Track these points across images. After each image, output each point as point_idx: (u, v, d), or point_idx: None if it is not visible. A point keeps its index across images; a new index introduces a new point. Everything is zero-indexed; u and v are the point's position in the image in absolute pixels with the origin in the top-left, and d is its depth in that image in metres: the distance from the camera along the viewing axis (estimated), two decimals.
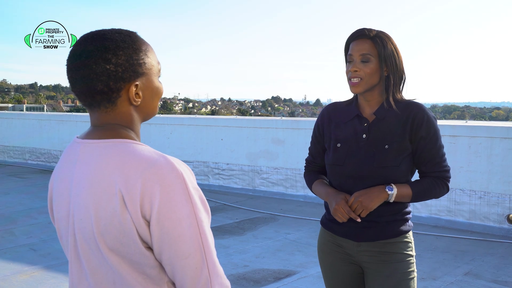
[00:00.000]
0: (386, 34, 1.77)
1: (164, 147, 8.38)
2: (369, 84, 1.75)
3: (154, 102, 1.11)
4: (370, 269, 1.82)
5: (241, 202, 6.90)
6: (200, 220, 0.97)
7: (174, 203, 0.95)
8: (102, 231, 0.98)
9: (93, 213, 0.98)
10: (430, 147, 1.75)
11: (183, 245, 0.96)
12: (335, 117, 1.89)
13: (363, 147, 1.77)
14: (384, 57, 1.73)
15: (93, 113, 1.07)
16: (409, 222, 1.85)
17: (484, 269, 4.17)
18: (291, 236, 5.17)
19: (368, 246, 1.80)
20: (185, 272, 0.97)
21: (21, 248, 4.67)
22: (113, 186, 0.97)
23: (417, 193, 1.76)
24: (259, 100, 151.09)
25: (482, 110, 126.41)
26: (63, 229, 1.09)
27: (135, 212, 0.95)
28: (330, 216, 1.90)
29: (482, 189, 5.44)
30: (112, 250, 0.98)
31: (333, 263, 1.89)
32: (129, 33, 1.07)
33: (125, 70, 1.02)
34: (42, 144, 10.45)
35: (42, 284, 3.78)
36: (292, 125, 7.22)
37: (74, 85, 1.04)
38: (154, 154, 0.99)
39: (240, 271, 4.08)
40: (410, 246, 1.82)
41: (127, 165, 0.97)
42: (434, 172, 1.78)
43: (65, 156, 1.10)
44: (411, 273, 1.79)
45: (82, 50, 1.01)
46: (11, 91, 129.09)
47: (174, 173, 0.96)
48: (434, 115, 1.79)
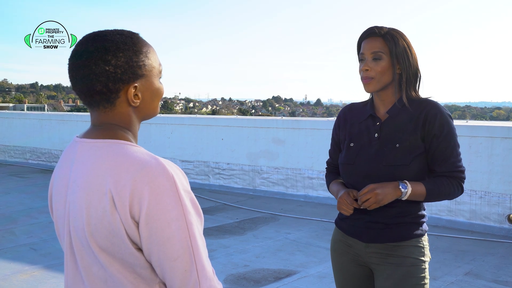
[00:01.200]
0: (398, 31, 1.74)
1: (164, 147, 8.38)
2: (381, 82, 1.72)
3: (154, 103, 1.11)
4: (379, 271, 1.77)
5: (241, 202, 6.90)
6: (190, 222, 0.97)
7: (163, 205, 0.95)
8: (92, 230, 0.99)
9: (85, 212, 1.00)
10: (444, 145, 1.69)
11: (172, 247, 0.96)
12: (351, 118, 1.87)
13: (374, 146, 1.75)
14: (396, 55, 1.69)
15: (93, 112, 1.08)
16: (423, 226, 1.77)
17: (484, 269, 4.17)
18: (292, 236, 5.17)
19: (376, 247, 1.76)
20: (174, 274, 0.97)
21: (21, 248, 4.67)
22: (104, 186, 0.98)
23: (431, 193, 1.69)
24: (260, 100, 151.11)
25: (483, 110, 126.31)
26: (61, 227, 1.10)
27: (124, 212, 0.96)
28: (341, 215, 1.88)
29: (482, 189, 5.43)
30: (103, 249, 0.99)
31: (344, 263, 1.87)
32: (131, 34, 1.07)
33: (124, 71, 1.02)
34: (42, 144, 10.45)
35: (42, 284, 3.78)
36: (292, 125, 7.22)
37: (74, 85, 1.06)
38: (146, 156, 1.00)
39: (240, 271, 4.08)
40: (423, 252, 1.74)
41: (119, 166, 0.98)
42: (448, 172, 1.71)
43: (64, 155, 1.11)
44: (420, 279, 1.71)
45: (83, 51, 1.03)
46: (12, 90, 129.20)
47: (165, 175, 0.96)
48: (449, 113, 1.74)
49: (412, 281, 1.70)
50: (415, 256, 1.72)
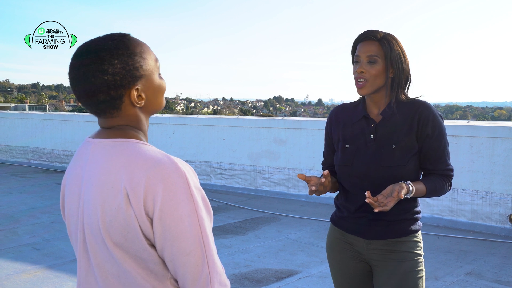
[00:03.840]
0: (393, 36, 1.79)
1: (166, 147, 8.39)
2: (374, 85, 1.76)
3: (159, 99, 1.13)
4: (379, 267, 1.82)
5: (243, 202, 6.91)
6: (201, 218, 1.00)
7: (176, 201, 0.98)
8: (107, 226, 1.01)
9: (99, 208, 1.02)
10: (436, 145, 1.77)
11: (184, 242, 0.99)
12: (343, 118, 1.90)
13: (370, 147, 1.79)
14: (391, 59, 1.74)
15: (101, 119, 1.11)
16: (419, 222, 1.86)
17: (486, 269, 4.17)
18: (293, 236, 5.18)
19: (378, 244, 1.81)
20: (186, 269, 1.00)
21: (24, 248, 4.69)
22: (119, 183, 1.00)
23: (430, 191, 1.77)
24: (261, 100, 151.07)
25: (484, 110, 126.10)
26: (73, 224, 1.12)
27: (139, 209, 0.98)
28: (340, 214, 1.92)
29: (484, 189, 5.44)
30: (117, 245, 1.02)
31: (342, 261, 1.91)
32: (122, 37, 1.08)
33: (123, 77, 1.04)
34: (44, 144, 10.48)
35: (45, 283, 3.80)
36: (294, 125, 7.23)
37: (79, 98, 1.09)
38: (159, 154, 1.03)
39: (242, 271, 4.09)
40: (419, 246, 1.83)
41: (133, 164, 1.01)
42: (440, 170, 1.80)
43: (77, 155, 1.14)
44: (419, 272, 1.79)
45: (80, 65, 1.05)
46: (14, 90, 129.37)
47: (177, 172, 0.99)
48: (440, 113, 1.80)
49: (413, 274, 1.78)
50: (414, 251, 1.81)
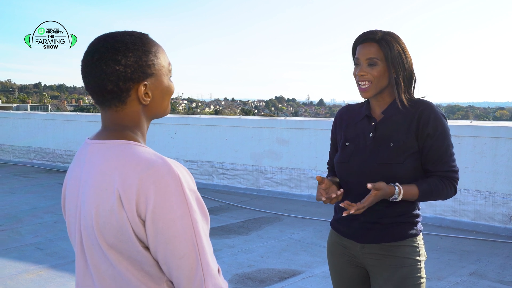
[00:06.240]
0: (393, 35, 1.75)
1: (168, 147, 8.40)
2: (378, 87, 1.74)
3: (165, 101, 1.14)
4: (374, 272, 1.78)
5: (245, 202, 6.91)
6: (195, 221, 0.99)
7: (169, 203, 0.97)
8: (101, 227, 1.01)
9: (94, 210, 1.02)
10: (437, 145, 1.71)
11: (177, 245, 0.98)
12: (347, 118, 1.90)
13: (369, 145, 1.78)
14: (391, 60, 1.71)
15: (105, 112, 1.11)
16: (418, 225, 1.79)
17: (489, 270, 4.17)
18: (296, 236, 5.18)
19: (372, 248, 1.77)
20: (180, 272, 0.99)
21: (27, 247, 4.70)
22: (112, 185, 1.00)
23: (424, 193, 1.70)
24: (263, 100, 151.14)
25: (486, 110, 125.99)
26: (72, 225, 1.13)
27: (131, 211, 0.98)
28: (337, 217, 1.91)
29: (487, 189, 5.43)
30: (111, 247, 1.01)
31: (340, 265, 1.88)
32: (141, 35, 1.11)
33: (134, 71, 1.06)
34: (47, 144, 10.49)
35: (48, 283, 3.81)
36: (296, 125, 7.23)
37: (87, 85, 1.09)
38: (153, 155, 1.02)
39: (245, 271, 4.09)
40: (417, 251, 1.75)
41: (126, 166, 1.01)
42: (441, 171, 1.73)
43: (77, 156, 1.15)
44: (418, 279, 1.72)
45: (94, 52, 1.06)
46: (16, 90, 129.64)
47: (171, 174, 0.99)
48: (443, 113, 1.76)
49: (410, 282, 1.72)
50: (411, 257, 1.74)
